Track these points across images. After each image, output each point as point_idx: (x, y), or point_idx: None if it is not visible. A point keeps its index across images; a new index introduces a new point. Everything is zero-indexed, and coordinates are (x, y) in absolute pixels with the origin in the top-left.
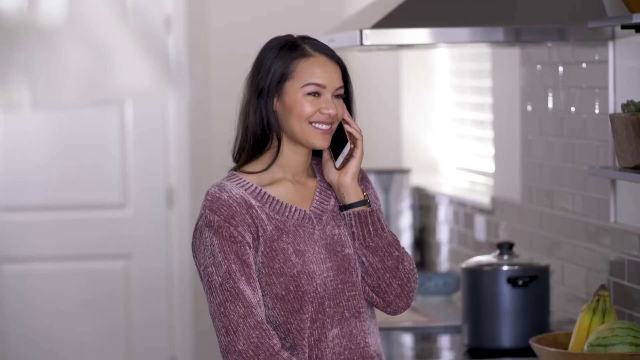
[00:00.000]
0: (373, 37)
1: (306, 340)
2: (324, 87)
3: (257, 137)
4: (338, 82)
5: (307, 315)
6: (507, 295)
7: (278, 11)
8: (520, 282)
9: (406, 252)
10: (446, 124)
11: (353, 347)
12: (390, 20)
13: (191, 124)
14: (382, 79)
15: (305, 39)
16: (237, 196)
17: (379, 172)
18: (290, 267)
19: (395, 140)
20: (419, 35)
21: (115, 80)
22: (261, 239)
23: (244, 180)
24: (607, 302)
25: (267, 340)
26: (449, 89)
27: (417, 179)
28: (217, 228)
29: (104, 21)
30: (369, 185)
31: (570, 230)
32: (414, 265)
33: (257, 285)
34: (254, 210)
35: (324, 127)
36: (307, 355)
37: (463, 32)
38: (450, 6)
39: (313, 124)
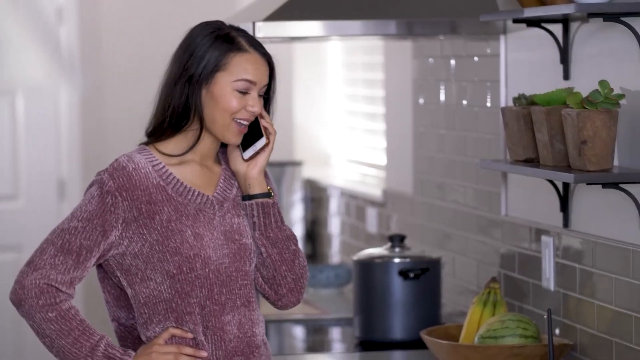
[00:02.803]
0: (265, 29)
1: (190, 323)
2: (254, 84)
3: (178, 118)
4: (266, 80)
5: (195, 300)
6: (398, 287)
7: (171, 3)
8: (411, 275)
9: (300, 250)
10: (338, 117)
11: (241, 336)
12: (283, 13)
13: (83, 115)
14: None
15: (238, 30)
16: (143, 172)
17: (270, 165)
18: (187, 248)
19: (287, 133)
20: (311, 28)
21: (7, 71)
22: (157, 219)
23: (154, 157)
24: (497, 294)
25: (55, 292)
26: (341, 81)
27: (309, 172)
28: (105, 192)
29: None
30: (269, 181)
31: (461, 223)
32: (307, 263)
33: (89, 264)
34: (154, 189)
35: (244, 123)
36: (198, 340)
37: (355, 24)
38: None
39: (235, 120)
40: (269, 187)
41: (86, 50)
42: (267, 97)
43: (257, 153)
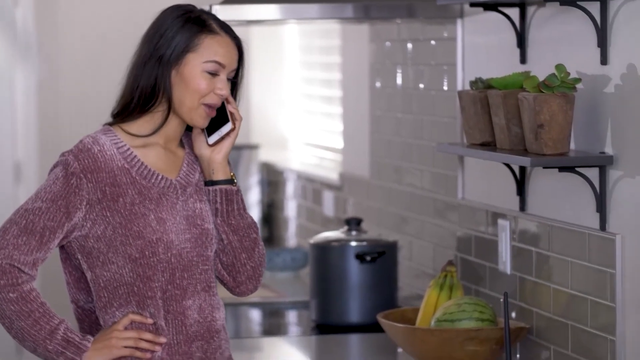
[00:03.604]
0: (223, 12)
1: (151, 307)
2: (223, 67)
3: (145, 99)
4: (235, 64)
5: (156, 284)
6: (355, 271)
7: None
8: (368, 258)
9: (260, 238)
10: (295, 100)
11: (201, 321)
12: None
13: (39, 98)
14: None
15: (209, 14)
16: (108, 154)
17: None
18: (150, 232)
19: (244, 116)
20: (268, 11)
21: None
22: (121, 201)
23: (118, 138)
24: (454, 277)
25: (17, 273)
26: (298, 65)
27: (265, 155)
28: (70, 174)
29: None
30: (231, 167)
31: (418, 207)
32: (265, 252)
33: (52, 245)
34: (118, 172)
35: (211, 107)
36: (158, 325)
37: (312, 8)
38: None
39: (203, 103)
40: (232, 174)
41: (42, 33)
42: (234, 83)
43: (222, 138)
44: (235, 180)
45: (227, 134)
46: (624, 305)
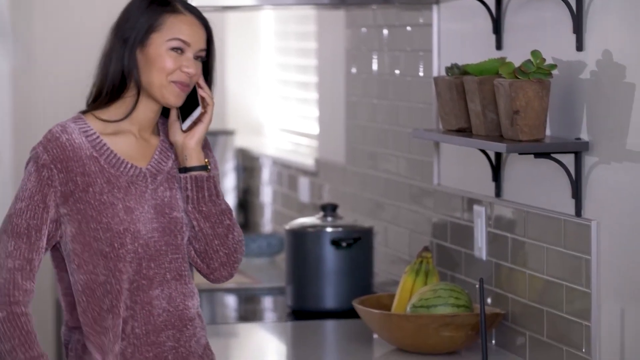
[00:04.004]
0: None
1: (122, 302)
2: (188, 44)
3: (116, 85)
4: (202, 44)
5: (125, 276)
6: (330, 256)
7: None
8: (343, 244)
9: (237, 224)
10: (271, 86)
11: (172, 310)
12: None
13: (14, 84)
14: None
15: None
16: (76, 142)
17: None
18: (117, 223)
19: (219, 102)
20: None
21: None
22: (91, 191)
23: (88, 126)
24: (429, 263)
25: (12, 288)
26: (273, 50)
27: (241, 141)
28: (41, 166)
29: None
30: (210, 154)
31: (393, 193)
32: (243, 238)
33: (42, 244)
34: (87, 160)
35: (182, 85)
36: (121, 318)
37: None
38: None
39: (172, 82)
40: (206, 160)
41: (17, 20)
42: (206, 67)
43: (195, 124)
44: (209, 167)
45: (200, 119)
46: (599, 291)
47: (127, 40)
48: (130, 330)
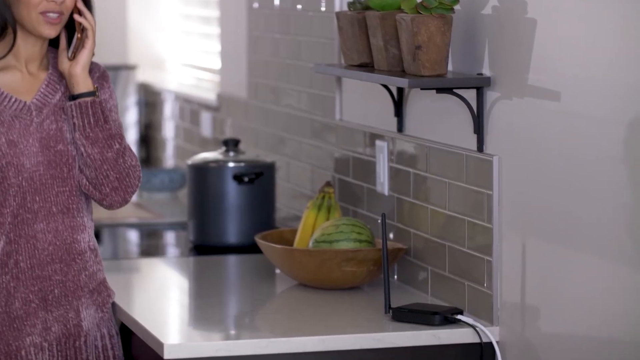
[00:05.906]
0: None
1: (4, 235)
2: None
3: None
4: None
5: (8, 210)
6: (232, 191)
7: None
8: (246, 179)
9: (131, 149)
10: (173, 21)
11: (58, 243)
12: None
13: None
14: None
15: None
16: None
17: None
18: (0, 157)
19: (120, 36)
20: None
21: None
22: None
23: None
24: (332, 198)
25: None
26: None
27: (143, 75)
28: None
29: None
30: (106, 84)
31: (296, 128)
32: (138, 164)
33: None
34: None
35: (53, 15)
36: (5, 251)
37: None
38: None
39: (43, 14)
40: (95, 86)
41: None
42: None
43: (78, 50)
44: (97, 93)
45: (83, 45)
46: (500, 226)
47: None
48: (13, 264)
